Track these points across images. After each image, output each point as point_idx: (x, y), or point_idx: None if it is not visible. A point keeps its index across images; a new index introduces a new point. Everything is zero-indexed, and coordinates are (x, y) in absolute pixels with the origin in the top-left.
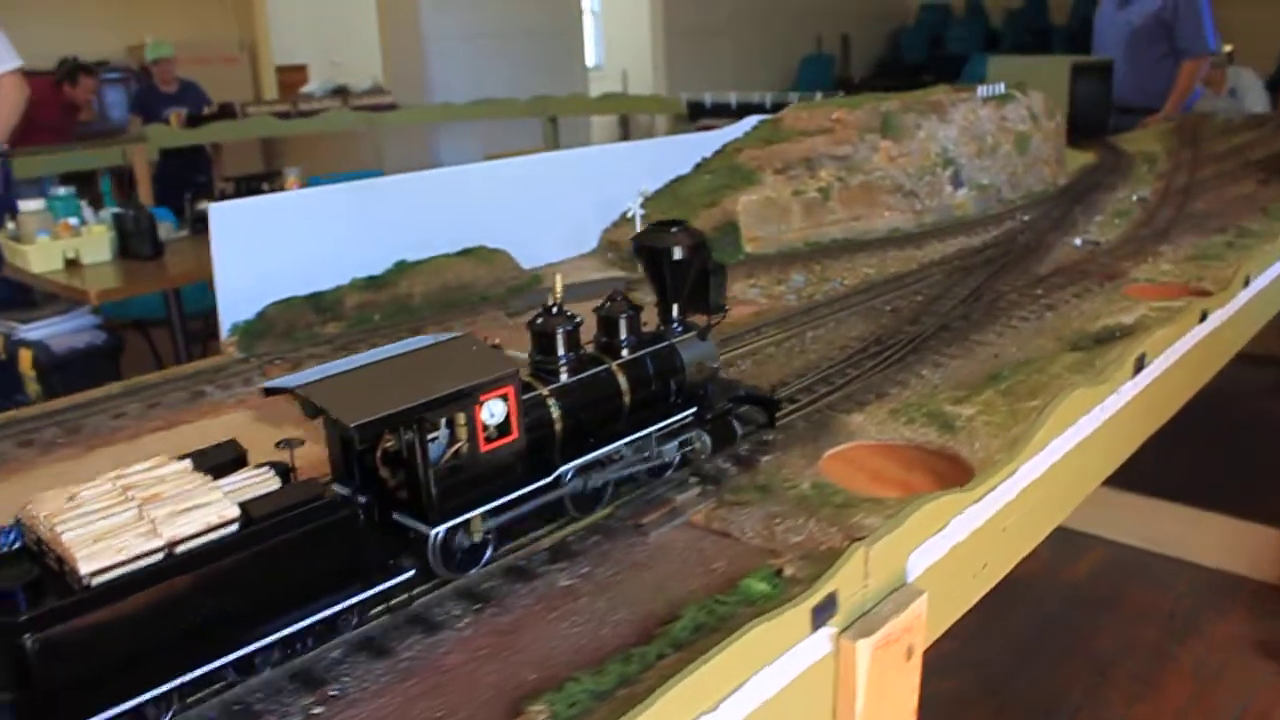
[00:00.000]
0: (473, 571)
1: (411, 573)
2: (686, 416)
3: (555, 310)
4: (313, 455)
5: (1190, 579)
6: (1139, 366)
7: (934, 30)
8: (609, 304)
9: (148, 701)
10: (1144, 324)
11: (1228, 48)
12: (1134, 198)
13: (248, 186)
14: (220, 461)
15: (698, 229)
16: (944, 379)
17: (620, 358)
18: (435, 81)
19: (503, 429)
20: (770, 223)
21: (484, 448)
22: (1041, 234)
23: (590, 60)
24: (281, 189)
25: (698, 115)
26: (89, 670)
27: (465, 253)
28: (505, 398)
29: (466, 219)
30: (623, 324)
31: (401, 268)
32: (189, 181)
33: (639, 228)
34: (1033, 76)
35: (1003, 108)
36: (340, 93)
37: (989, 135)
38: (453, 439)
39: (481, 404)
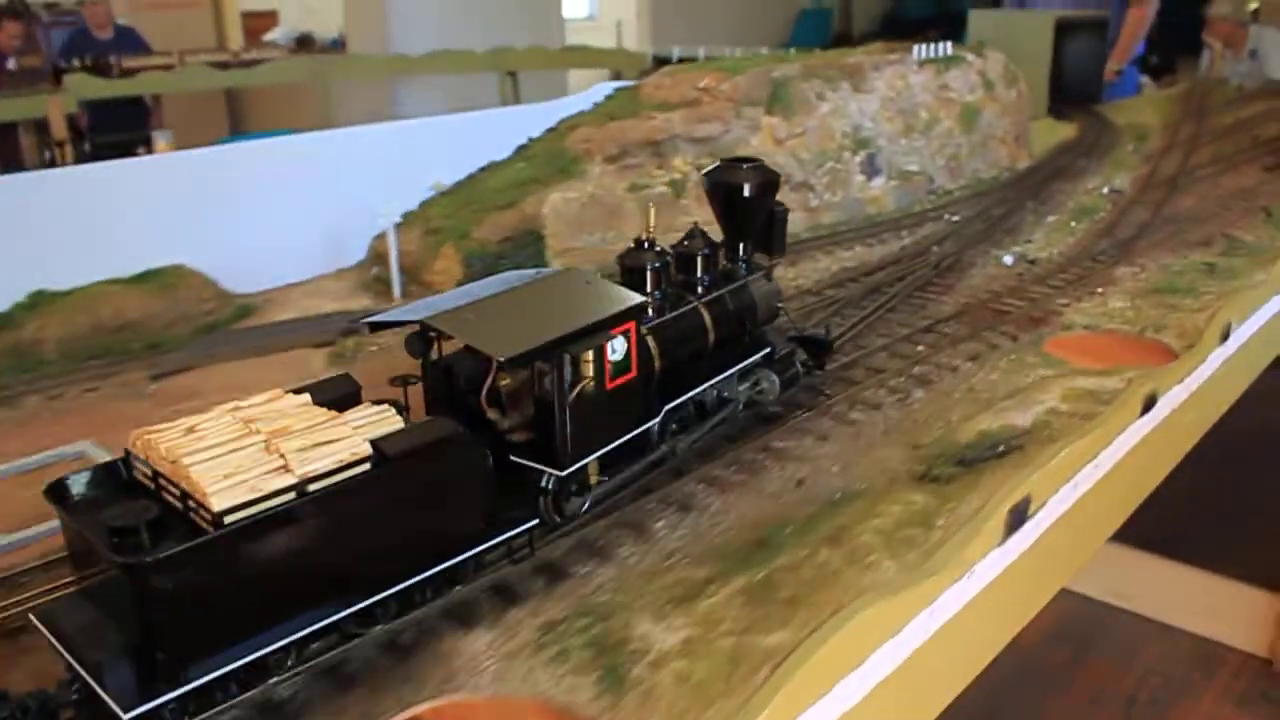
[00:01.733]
0: (584, 515)
1: (536, 521)
2: (761, 356)
3: (646, 244)
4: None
5: (1162, 647)
6: (1016, 521)
7: None
8: (687, 241)
9: (273, 651)
10: (1046, 428)
11: (1252, 4)
12: (1105, 189)
13: (121, 151)
14: (337, 396)
15: (771, 168)
16: (686, 541)
17: (700, 296)
18: (397, 31)
19: (623, 367)
20: (591, 229)
21: (609, 385)
22: (966, 244)
23: (583, 10)
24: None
25: None
26: (216, 616)
27: (140, 278)
28: (627, 334)
29: (154, 228)
30: (700, 262)
31: (37, 301)
32: (129, 132)
33: (392, 245)
34: (1012, 33)
35: (944, 73)
36: (304, 43)
37: (923, 108)
38: (578, 377)
39: (610, 339)
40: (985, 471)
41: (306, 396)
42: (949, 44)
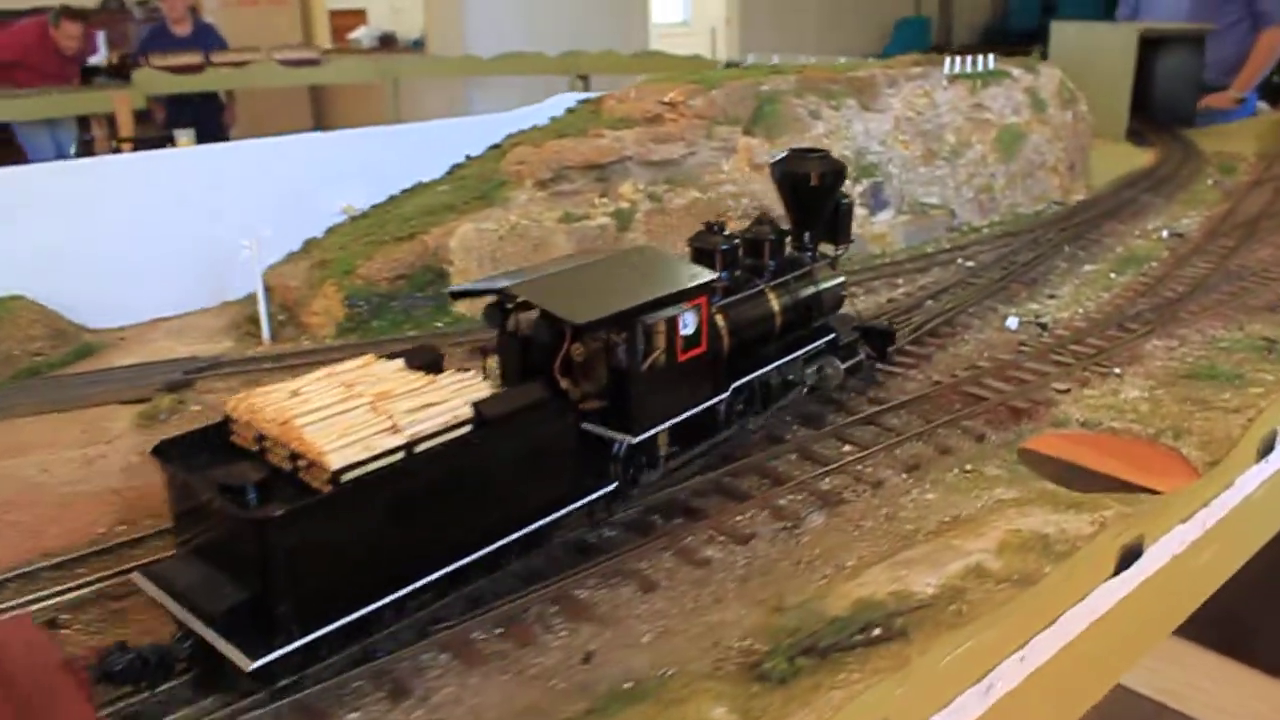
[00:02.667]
0: (654, 481)
1: (616, 484)
2: (826, 341)
3: (715, 228)
4: None
5: None
6: None
7: None
8: (755, 226)
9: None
10: (956, 600)
11: None
12: (1164, 233)
13: (150, 146)
14: (425, 362)
15: (838, 159)
16: None
17: (768, 280)
18: (475, 32)
19: (693, 341)
20: (509, 265)
21: (680, 357)
22: (970, 299)
23: (677, 16)
24: None
25: None
26: (330, 572)
27: None
28: (698, 309)
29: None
30: (767, 248)
31: None
32: (204, 128)
33: (258, 281)
34: (1093, 47)
35: (980, 91)
36: (387, 42)
37: (950, 131)
38: (650, 347)
39: (682, 312)
40: (838, 671)
41: (400, 361)
42: (990, 57)
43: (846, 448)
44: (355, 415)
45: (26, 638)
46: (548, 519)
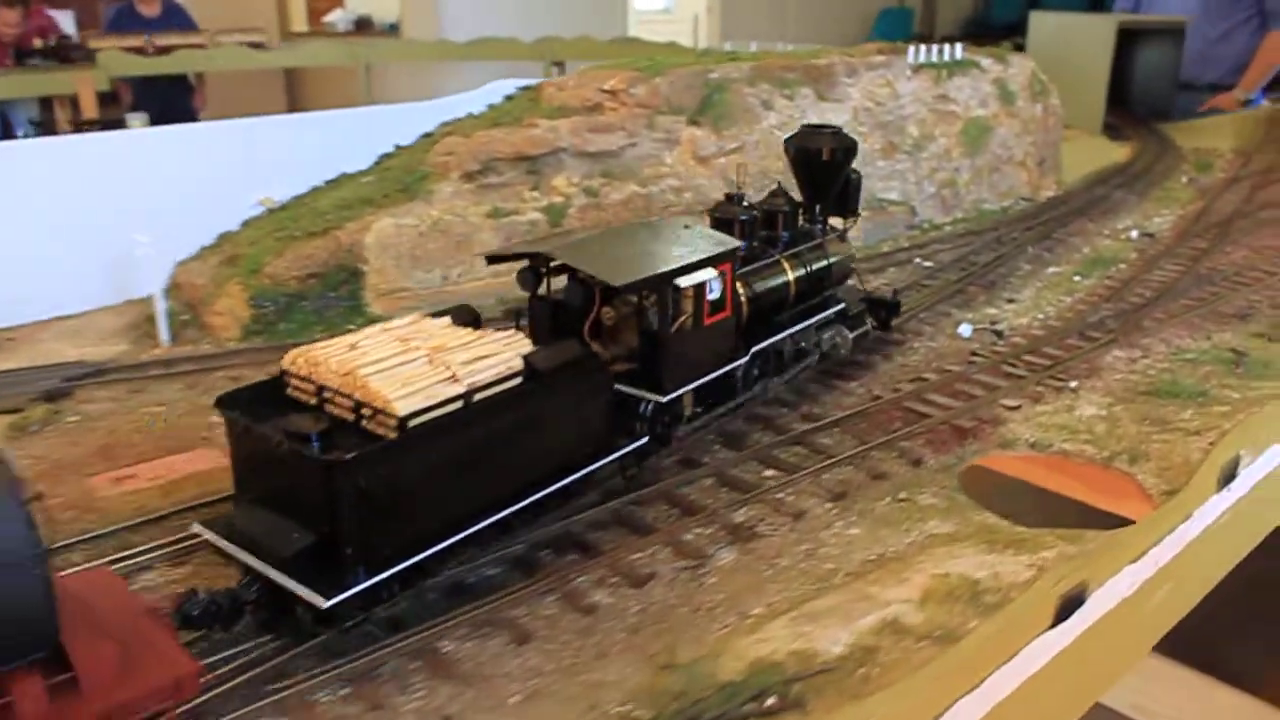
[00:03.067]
0: (679, 439)
1: (647, 439)
2: (835, 311)
3: (735, 198)
4: None
5: None
6: None
7: None
8: (771, 199)
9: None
10: (866, 663)
11: None
12: (1133, 234)
13: (101, 127)
14: (465, 321)
15: (849, 135)
16: None
17: (783, 250)
18: (451, 17)
19: (719, 305)
20: (430, 263)
21: (706, 321)
22: (924, 303)
23: (659, 3)
24: None
25: None
26: (394, 516)
27: None
28: (724, 275)
29: None
30: (782, 219)
31: None
32: (172, 111)
33: (155, 280)
34: (1072, 39)
35: (945, 82)
36: (363, 26)
37: (913, 123)
38: (679, 310)
39: (710, 277)
40: None
41: (447, 319)
42: (958, 47)
43: (769, 472)
44: (414, 366)
45: (108, 585)
46: (586, 470)
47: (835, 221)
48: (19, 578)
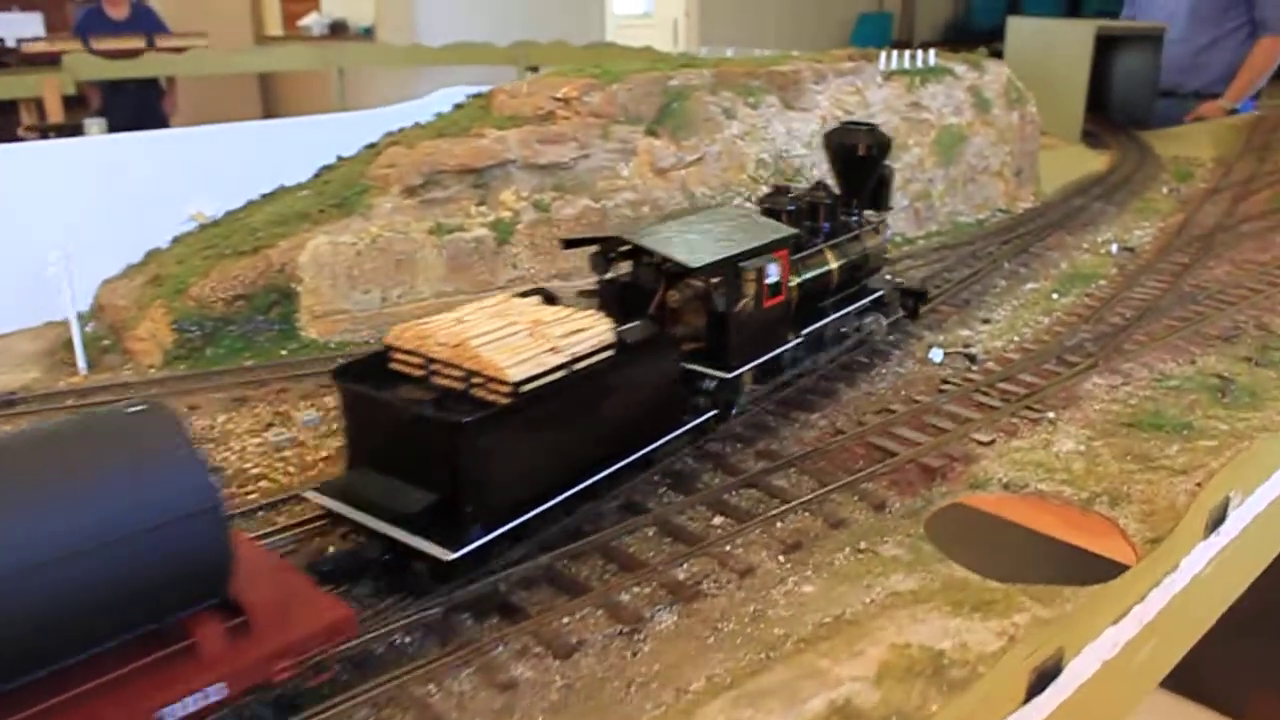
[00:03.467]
0: (735, 416)
1: (715, 412)
2: (872, 299)
3: (783, 190)
4: None
5: None
6: None
7: None
8: (813, 191)
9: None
10: None
11: None
12: (1113, 248)
13: (57, 134)
14: (547, 301)
15: (884, 132)
16: None
17: (825, 240)
18: (426, 20)
19: (776, 289)
20: (369, 284)
21: (765, 304)
22: (893, 323)
23: (639, 7)
24: None
25: None
26: (506, 476)
27: None
28: (780, 261)
29: None
30: (823, 211)
31: None
32: (142, 116)
33: (69, 303)
34: (1050, 45)
35: (918, 89)
36: (338, 29)
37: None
38: (742, 294)
39: (768, 263)
40: None
41: (536, 297)
42: (931, 53)
43: (718, 520)
44: (518, 339)
45: (244, 543)
46: (662, 440)
47: (870, 215)
48: (205, 526)
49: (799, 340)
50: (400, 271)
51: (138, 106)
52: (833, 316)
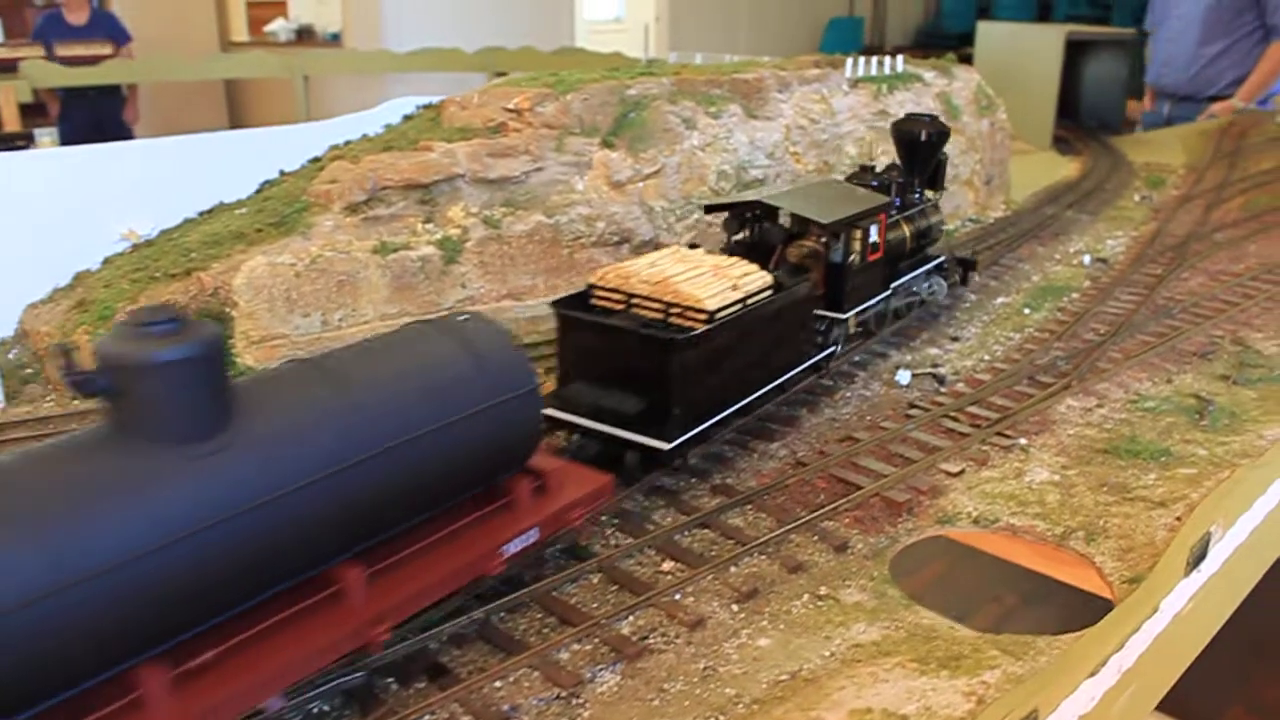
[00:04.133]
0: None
1: (837, 346)
2: (938, 263)
3: (868, 169)
4: None
5: None
6: None
7: None
8: (887, 171)
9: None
10: None
11: None
12: (1086, 260)
13: (8, 143)
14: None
15: (944, 123)
16: None
17: (900, 212)
18: (394, 26)
19: (875, 248)
20: (309, 307)
21: (869, 258)
22: (858, 344)
23: (611, 13)
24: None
25: None
26: (699, 386)
27: None
28: (878, 223)
29: None
30: (895, 188)
31: None
32: (102, 125)
33: None
34: (1020, 50)
35: (885, 97)
36: (305, 35)
37: (850, 141)
38: (848, 251)
39: (872, 224)
40: None
41: (701, 249)
42: (899, 59)
43: (667, 565)
44: (704, 279)
45: None
46: (800, 368)
47: (929, 194)
48: (526, 405)
49: (889, 293)
50: (342, 293)
51: (96, 115)
52: (910, 275)
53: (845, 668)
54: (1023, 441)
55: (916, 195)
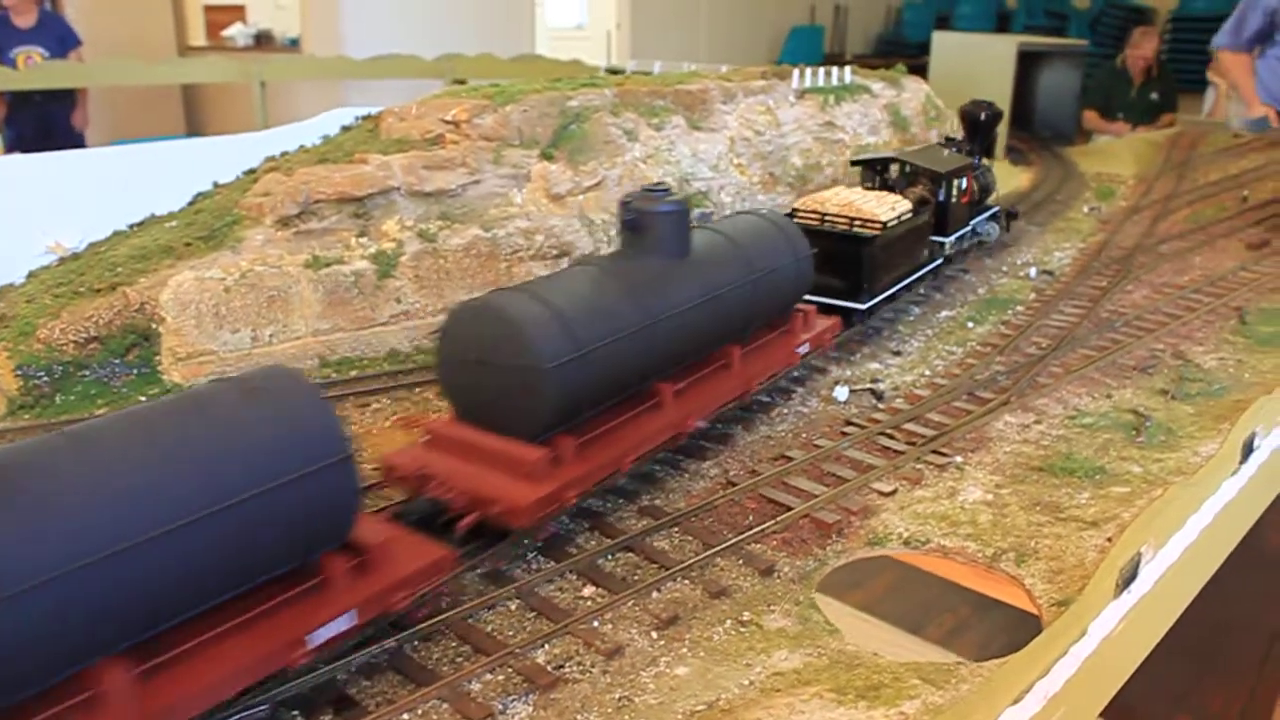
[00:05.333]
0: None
1: (939, 260)
2: (993, 212)
3: (950, 139)
4: None
5: None
6: None
7: (942, 6)
8: (958, 141)
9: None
10: None
11: None
12: (1031, 272)
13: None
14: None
15: (996, 105)
16: None
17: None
18: (352, 32)
19: (963, 193)
20: (238, 323)
21: (962, 200)
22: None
23: (573, 20)
24: None
25: None
26: (880, 271)
27: None
28: (967, 176)
29: None
30: (963, 150)
31: None
32: (50, 130)
33: None
34: (975, 61)
35: (832, 108)
36: (263, 40)
37: (796, 152)
38: (949, 193)
39: (963, 175)
40: None
41: (857, 187)
42: (847, 70)
43: (588, 590)
44: (873, 202)
45: None
46: (925, 269)
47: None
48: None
49: (969, 228)
50: (273, 309)
51: (44, 120)
52: (980, 218)
53: (763, 697)
54: (958, 459)
55: (977, 160)
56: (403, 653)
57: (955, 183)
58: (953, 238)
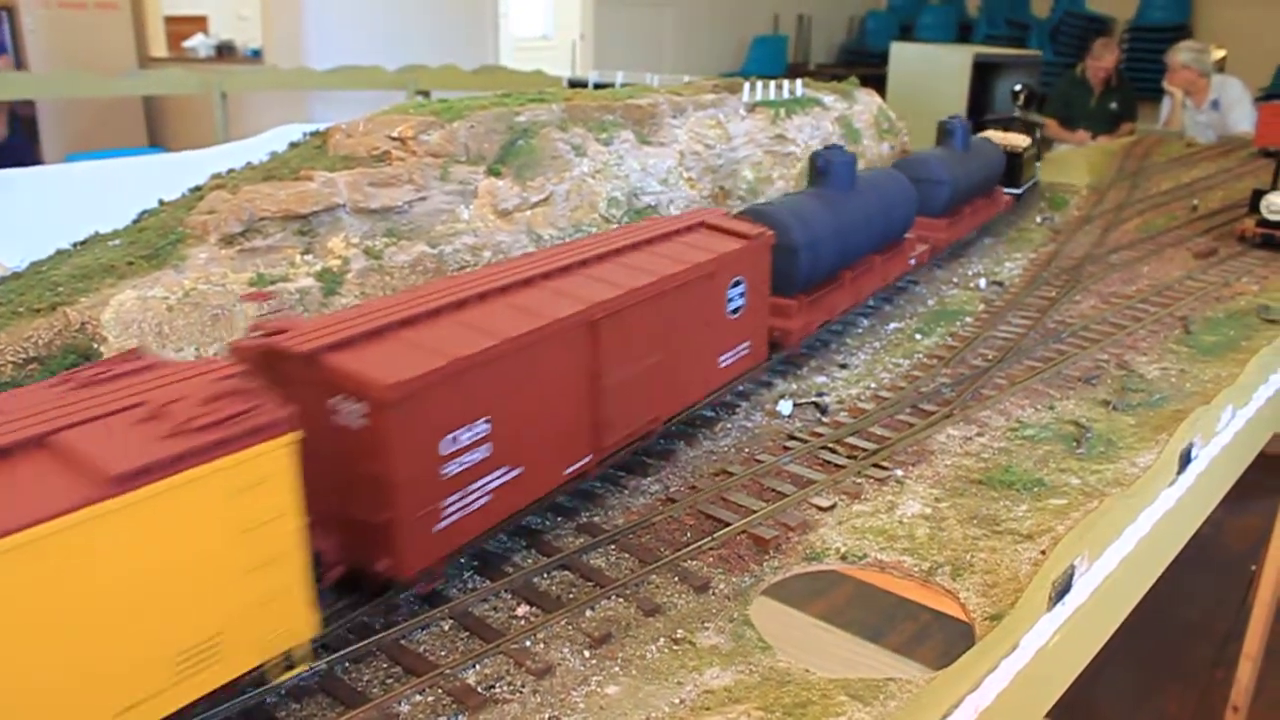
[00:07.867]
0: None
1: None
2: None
3: (1013, 120)
4: None
5: None
6: None
7: (905, 16)
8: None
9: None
10: None
11: (1219, 53)
12: (981, 283)
13: None
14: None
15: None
16: None
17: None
18: (315, 43)
19: (1027, 152)
20: (182, 343)
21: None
22: (742, 374)
23: (538, 30)
24: None
25: None
26: (1023, 171)
27: None
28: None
29: None
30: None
31: None
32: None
33: None
34: (932, 71)
35: (783, 121)
36: (225, 52)
37: (747, 165)
38: (1020, 154)
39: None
40: None
41: (996, 131)
42: (799, 83)
43: (522, 610)
44: (1014, 138)
45: None
46: (1030, 183)
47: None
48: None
49: (1030, 182)
50: (216, 327)
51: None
52: (1034, 178)
53: (693, 716)
54: (899, 473)
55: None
56: (333, 674)
57: (1024, 151)
58: (1024, 187)
